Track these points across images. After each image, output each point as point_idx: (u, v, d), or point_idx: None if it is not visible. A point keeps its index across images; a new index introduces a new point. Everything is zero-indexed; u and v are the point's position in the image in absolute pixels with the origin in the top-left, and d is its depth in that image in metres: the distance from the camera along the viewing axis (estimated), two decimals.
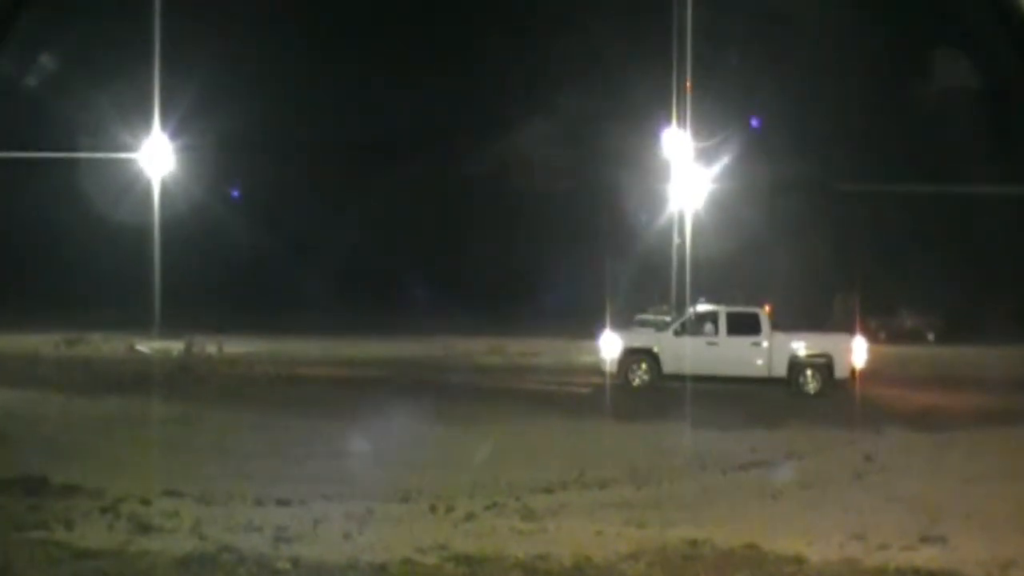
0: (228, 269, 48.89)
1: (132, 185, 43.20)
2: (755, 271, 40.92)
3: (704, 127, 42.22)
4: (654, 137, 43.38)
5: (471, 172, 54.30)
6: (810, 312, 33.80)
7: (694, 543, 12.18)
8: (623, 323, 32.96)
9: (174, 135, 43.68)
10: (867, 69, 48.76)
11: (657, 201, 43.12)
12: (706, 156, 42.91)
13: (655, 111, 42.79)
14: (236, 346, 35.84)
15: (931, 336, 47.65)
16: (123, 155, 42.94)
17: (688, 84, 41.28)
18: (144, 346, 36.79)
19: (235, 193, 54.96)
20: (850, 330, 29.65)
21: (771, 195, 45.88)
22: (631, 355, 29.33)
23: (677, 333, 29.73)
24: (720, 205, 42.76)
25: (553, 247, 49.46)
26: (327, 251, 52.35)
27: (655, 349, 29.37)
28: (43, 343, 35.80)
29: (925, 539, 12.45)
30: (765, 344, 28.84)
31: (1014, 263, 43.84)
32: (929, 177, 46.04)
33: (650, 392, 28.11)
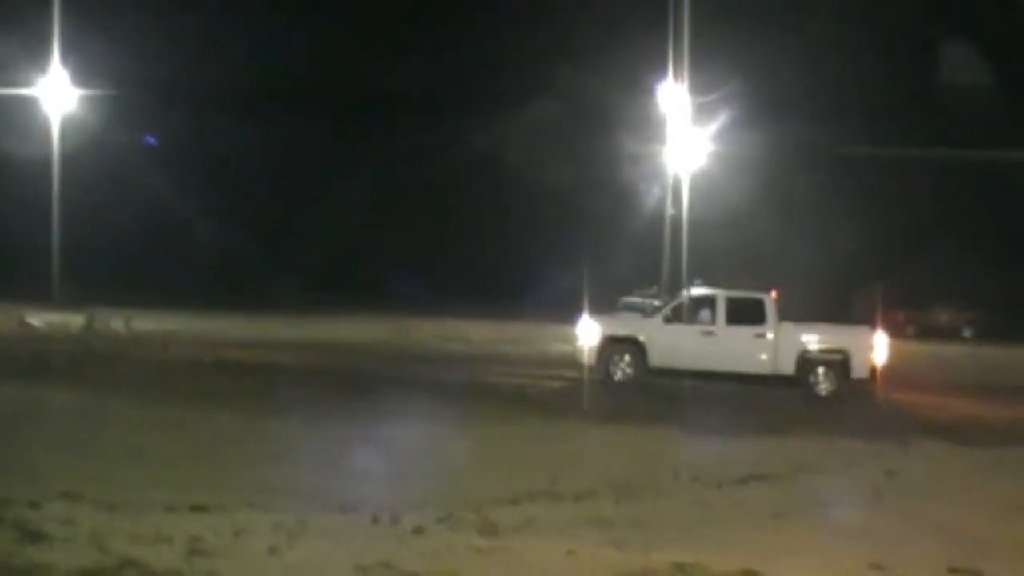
0: (143, 232, 48.62)
1: (28, 127, 42.91)
2: (762, 250, 40.93)
3: (704, 80, 42.25)
4: (649, 95, 43.37)
5: (454, 146, 54.69)
6: (826, 300, 33.81)
7: (682, 568, 12.17)
8: (607, 307, 32.97)
9: (82, 72, 43.40)
10: (887, 20, 48.90)
11: (652, 168, 43.06)
12: (706, 114, 42.89)
13: (651, 66, 42.82)
14: (148, 322, 35.68)
15: (969, 333, 47.69)
16: (16, 91, 42.64)
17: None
18: (37, 320, 36.56)
19: (151, 139, 54.41)
20: (871, 323, 29.60)
21: (781, 161, 45.93)
22: (613, 345, 29.30)
23: (668, 320, 29.71)
24: (723, 171, 42.74)
25: (539, 225, 49.55)
26: (295, 232, 52.39)
27: (641, 338, 29.33)
28: None
29: (955, 571, 12.48)
30: (770, 336, 28.82)
31: None
32: (960, 143, 46.19)
33: (634, 389, 28.17)
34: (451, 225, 53.03)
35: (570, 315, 31.09)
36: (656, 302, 34.79)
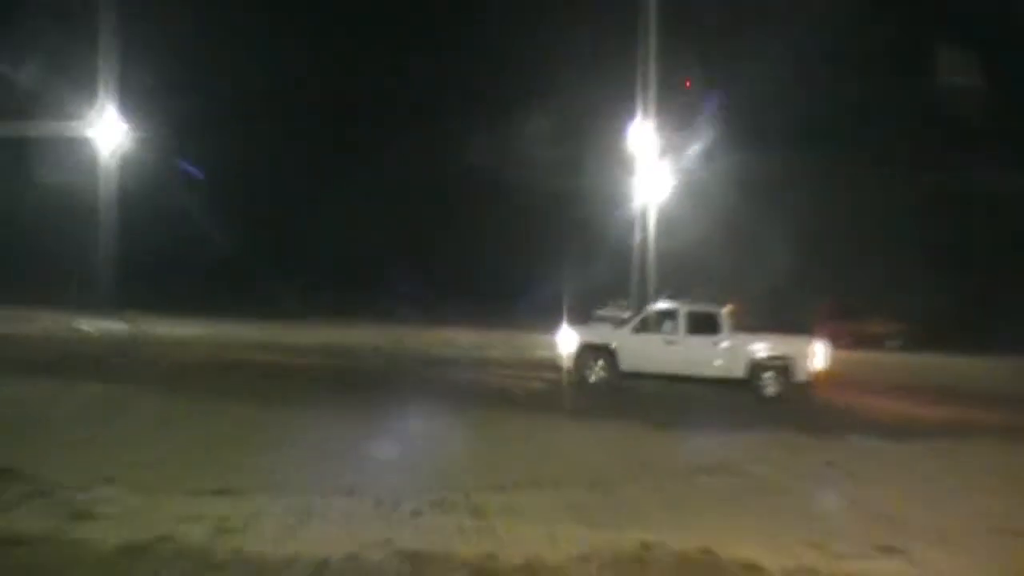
0: (184, 250, 48.52)
1: (86, 163, 42.73)
2: (724, 269, 40.92)
3: (672, 120, 42.29)
4: (621, 131, 43.39)
5: (446, 168, 54.26)
6: (778, 313, 33.73)
7: (648, 547, 12.17)
8: (585, 314, 32.93)
9: (131, 111, 43.22)
10: (839, 58, 48.81)
11: (625, 196, 43.01)
12: (673, 149, 42.94)
13: (624, 105, 42.75)
14: (182, 328, 35.73)
15: (898, 342, 47.62)
16: (73, 131, 42.46)
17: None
18: (87, 325, 36.55)
19: (192, 169, 53.89)
20: (811, 333, 29.61)
21: (739, 190, 45.91)
22: (588, 351, 29.31)
23: (636, 330, 29.66)
24: (689, 199, 42.78)
25: (525, 241, 49.27)
26: (293, 236, 52.12)
27: (613, 346, 29.32)
28: None
29: (885, 550, 12.50)
30: (724, 344, 28.82)
31: (992, 266, 44.19)
32: (904, 167, 46.24)
33: (607, 390, 28.12)
34: (450, 227, 52.68)
35: (550, 324, 31.13)
36: (625, 314, 34.70)
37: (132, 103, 43.03)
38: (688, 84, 42.32)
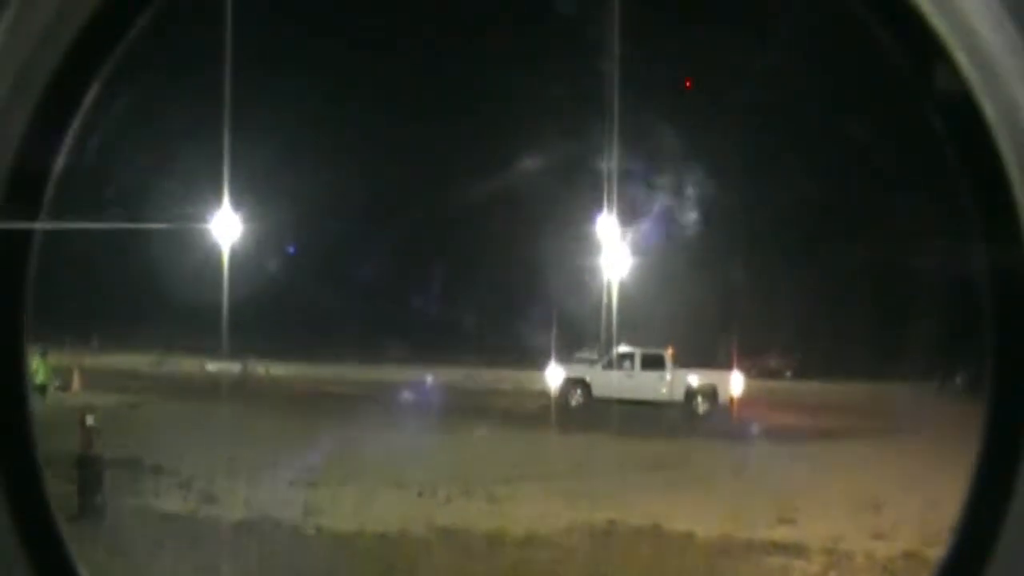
0: (279, 306, 47.90)
1: (206, 254, 41.94)
2: (664, 321, 40.58)
3: (630, 214, 41.88)
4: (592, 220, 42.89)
5: (463, 235, 52.21)
6: (702, 351, 33.48)
7: (613, 522, 12.30)
8: (567, 358, 32.79)
9: (238, 203, 42.44)
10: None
11: (594, 269, 42.66)
12: (630, 237, 42.77)
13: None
14: (279, 369, 35.74)
15: (789, 374, 47.09)
16: (196, 225, 42.00)
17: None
18: (212, 366, 36.52)
19: (291, 250, 52.75)
20: (730, 367, 29.67)
21: (678, 263, 45.35)
22: (570, 383, 29.39)
23: (604, 367, 29.78)
24: (642, 272, 42.52)
25: (518, 297, 48.21)
26: (356, 295, 50.92)
27: (588, 379, 29.46)
28: (139, 362, 35.66)
29: (781, 520, 12.60)
30: (668, 377, 28.97)
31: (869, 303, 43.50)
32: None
33: (583, 411, 28.09)
34: (463, 286, 50.87)
35: (542, 363, 31.06)
36: (596, 356, 34.64)
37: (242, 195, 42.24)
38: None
